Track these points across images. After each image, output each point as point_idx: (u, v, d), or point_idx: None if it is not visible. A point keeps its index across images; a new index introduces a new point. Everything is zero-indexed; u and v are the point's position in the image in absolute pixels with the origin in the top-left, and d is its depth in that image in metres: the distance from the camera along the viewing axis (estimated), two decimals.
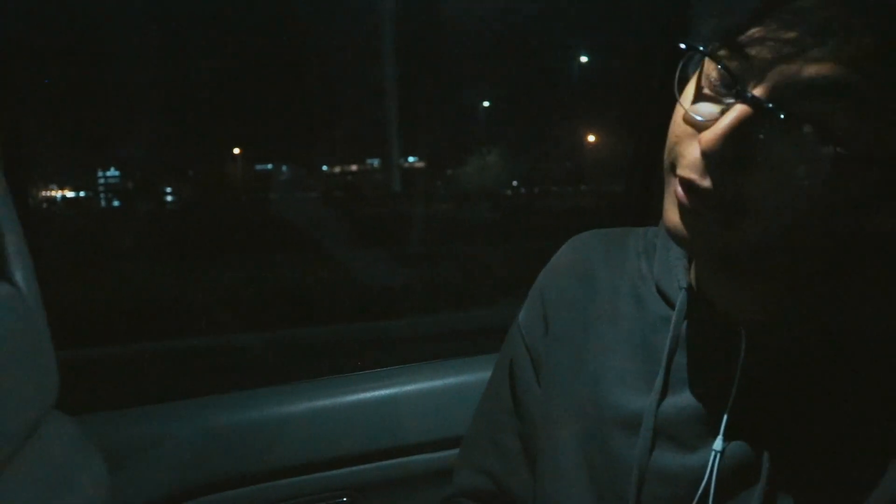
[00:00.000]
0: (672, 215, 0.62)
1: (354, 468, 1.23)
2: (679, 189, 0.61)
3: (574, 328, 0.81)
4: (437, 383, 1.31)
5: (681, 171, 0.61)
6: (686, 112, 0.62)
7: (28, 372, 0.70)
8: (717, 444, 0.65)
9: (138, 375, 1.53)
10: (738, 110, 0.56)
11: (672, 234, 0.63)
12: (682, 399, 0.69)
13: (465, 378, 1.31)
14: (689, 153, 0.60)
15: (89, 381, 1.30)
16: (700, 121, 0.60)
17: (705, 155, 0.57)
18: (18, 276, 0.73)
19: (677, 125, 0.63)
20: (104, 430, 1.09)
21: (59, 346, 0.78)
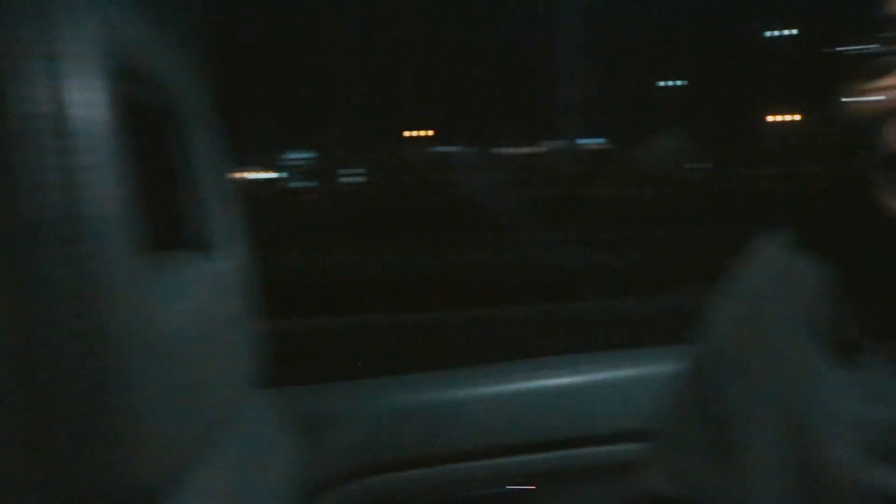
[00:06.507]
0: None
1: (537, 456, 1.21)
2: None
3: None
4: (623, 373, 1.26)
5: None
6: None
7: (233, 351, 0.72)
8: None
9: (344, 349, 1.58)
10: None
11: None
12: None
13: (653, 369, 1.25)
14: None
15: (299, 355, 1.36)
16: None
17: None
18: (230, 253, 0.75)
19: None
20: (298, 404, 1.14)
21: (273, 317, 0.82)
